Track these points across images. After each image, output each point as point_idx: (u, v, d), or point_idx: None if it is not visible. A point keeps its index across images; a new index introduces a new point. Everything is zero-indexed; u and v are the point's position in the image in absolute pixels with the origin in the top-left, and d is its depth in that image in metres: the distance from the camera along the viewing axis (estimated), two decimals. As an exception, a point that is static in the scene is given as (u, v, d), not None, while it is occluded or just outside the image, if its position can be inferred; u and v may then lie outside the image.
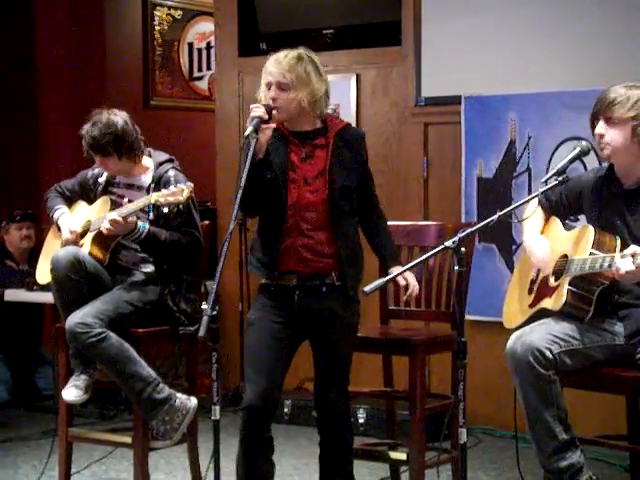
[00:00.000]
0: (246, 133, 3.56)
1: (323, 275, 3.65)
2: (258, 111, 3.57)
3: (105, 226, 4.05)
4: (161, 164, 4.31)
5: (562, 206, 3.74)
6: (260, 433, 3.64)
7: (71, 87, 7.24)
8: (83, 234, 4.32)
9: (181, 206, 4.06)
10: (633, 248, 3.19)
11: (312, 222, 3.63)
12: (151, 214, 4.16)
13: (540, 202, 3.76)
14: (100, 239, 4.23)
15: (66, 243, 4.33)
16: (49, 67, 7.22)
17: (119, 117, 4.24)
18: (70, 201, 4.50)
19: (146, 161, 4.34)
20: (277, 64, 3.62)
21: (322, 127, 3.70)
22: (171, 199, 3.96)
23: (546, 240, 3.68)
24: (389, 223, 3.95)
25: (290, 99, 3.60)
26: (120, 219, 4.02)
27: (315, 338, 3.74)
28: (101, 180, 4.39)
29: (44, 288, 4.66)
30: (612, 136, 3.50)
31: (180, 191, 3.95)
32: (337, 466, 3.80)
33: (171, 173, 4.25)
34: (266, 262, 3.68)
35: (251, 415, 3.61)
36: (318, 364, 3.75)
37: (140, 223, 4.09)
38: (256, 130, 3.54)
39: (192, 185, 4.00)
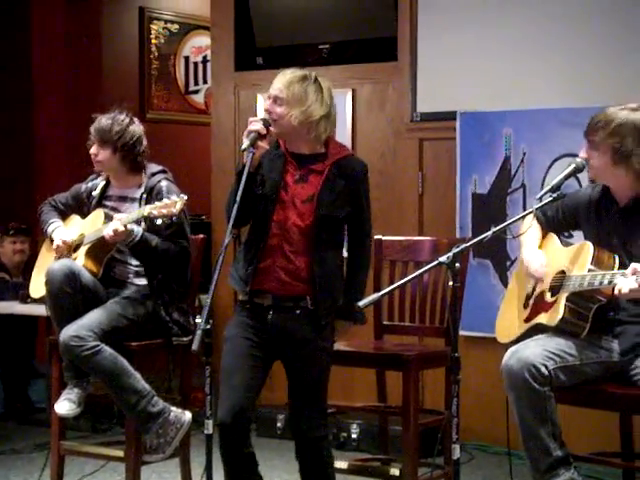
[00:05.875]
0: (242, 147, 3.57)
1: (298, 298, 3.62)
2: (256, 125, 3.57)
3: (108, 233, 4.03)
4: (153, 175, 4.32)
5: (558, 222, 3.74)
6: (237, 449, 3.60)
7: (67, 100, 7.25)
8: (77, 247, 4.32)
9: (174, 218, 4.05)
10: (634, 266, 3.18)
11: (295, 245, 3.60)
12: (143, 224, 4.14)
13: (537, 217, 3.76)
14: (94, 252, 4.23)
15: (57, 250, 4.33)
16: (46, 81, 7.22)
17: (138, 125, 4.36)
18: (64, 215, 4.50)
19: None
20: (280, 77, 3.62)
21: (323, 153, 3.66)
22: (164, 211, 3.96)
23: (544, 255, 3.67)
24: (384, 238, 3.95)
25: (281, 114, 3.59)
26: (123, 228, 4.01)
27: (286, 360, 3.70)
28: (95, 194, 4.40)
29: (38, 301, 4.66)
30: (594, 159, 3.50)
31: (173, 203, 3.95)
32: None
33: (163, 184, 4.26)
34: (242, 276, 3.66)
35: (224, 433, 3.56)
36: (290, 388, 3.69)
37: (135, 227, 4.09)
38: (253, 144, 3.55)
39: (186, 197, 4.00)
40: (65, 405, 4.15)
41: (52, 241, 4.42)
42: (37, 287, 4.48)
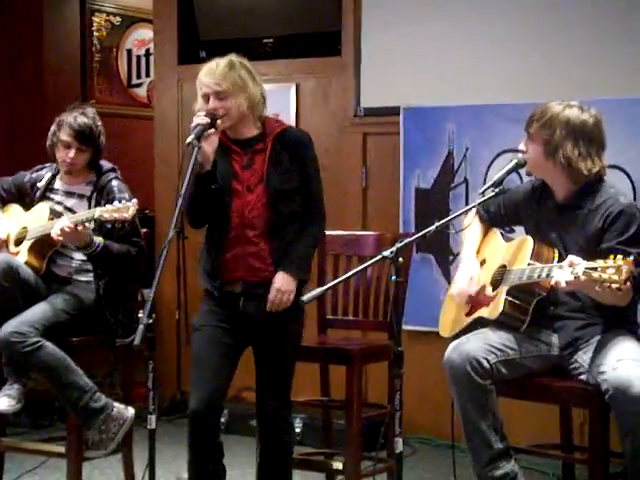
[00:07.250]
0: (187, 140, 3.55)
1: (268, 283, 3.65)
2: (202, 119, 3.57)
3: (56, 232, 3.98)
4: (104, 173, 4.27)
5: (500, 217, 3.78)
6: (207, 439, 3.62)
7: (7, 94, 7.15)
8: (19, 241, 4.25)
9: (126, 224, 4.01)
10: (570, 258, 3.22)
11: (258, 229, 3.64)
12: (92, 224, 4.09)
13: (479, 213, 3.79)
14: (38, 248, 4.17)
15: None
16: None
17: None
18: (3, 201, 4.41)
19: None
20: (211, 74, 3.62)
21: (261, 132, 3.71)
22: (116, 215, 3.88)
23: (477, 267, 3.69)
24: (328, 233, 3.95)
25: (230, 106, 3.62)
26: (72, 227, 3.95)
27: (257, 346, 3.74)
28: (40, 185, 4.33)
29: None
30: (530, 151, 3.54)
31: (126, 208, 3.87)
32: (276, 475, 3.79)
33: (114, 183, 4.22)
34: (210, 271, 3.70)
35: (196, 421, 3.60)
36: (260, 372, 3.74)
37: (95, 239, 4.04)
38: (198, 138, 3.55)
39: (137, 201, 3.95)
40: (4, 401, 4.09)
41: None
42: None
